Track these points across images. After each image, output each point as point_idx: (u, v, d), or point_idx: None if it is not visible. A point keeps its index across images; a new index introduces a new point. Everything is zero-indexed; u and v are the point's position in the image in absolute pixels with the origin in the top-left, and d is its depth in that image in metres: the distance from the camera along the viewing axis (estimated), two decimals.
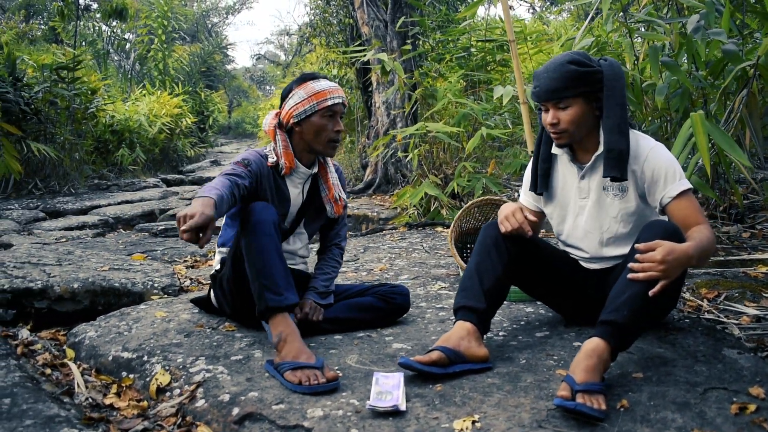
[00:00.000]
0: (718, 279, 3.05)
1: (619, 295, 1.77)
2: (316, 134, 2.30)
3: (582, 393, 1.57)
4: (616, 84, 1.98)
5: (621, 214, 2.10)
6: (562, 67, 1.97)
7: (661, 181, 1.99)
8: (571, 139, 2.07)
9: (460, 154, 5.79)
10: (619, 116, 1.97)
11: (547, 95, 2.00)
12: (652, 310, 1.78)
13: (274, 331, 1.99)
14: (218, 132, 21.68)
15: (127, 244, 4.39)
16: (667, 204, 2.00)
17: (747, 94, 3.64)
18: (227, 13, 29.50)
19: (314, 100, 2.27)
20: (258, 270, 2.02)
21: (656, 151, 2.02)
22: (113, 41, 15.56)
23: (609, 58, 2.05)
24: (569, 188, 2.21)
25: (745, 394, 1.65)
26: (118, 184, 8.99)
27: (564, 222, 2.26)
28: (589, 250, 2.20)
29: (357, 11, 7.19)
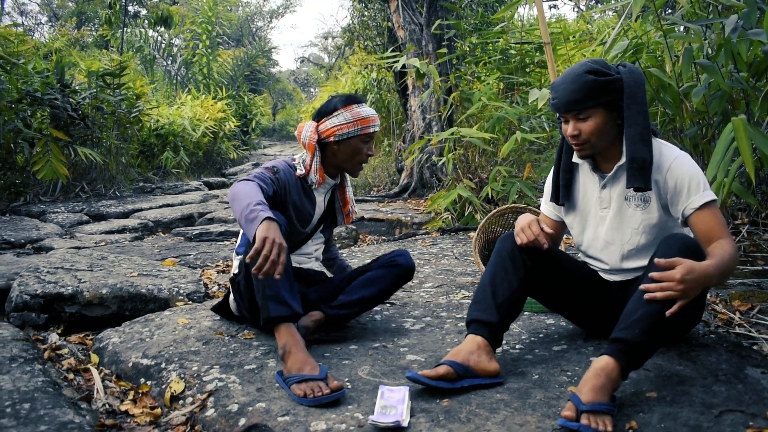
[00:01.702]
0: (754, 290, 2.95)
1: (632, 312, 1.72)
2: (352, 156, 2.42)
3: (587, 413, 1.53)
4: (637, 91, 1.92)
5: (643, 225, 2.04)
6: (580, 77, 1.91)
7: (684, 191, 1.93)
8: (593, 149, 2.02)
9: (496, 158, 5.73)
10: (641, 125, 1.91)
11: (567, 107, 1.96)
12: (666, 329, 1.71)
13: (279, 342, 2.02)
14: (262, 134, 21.99)
15: (162, 248, 4.48)
16: (689, 215, 1.92)
17: None
18: (271, 17, 29.89)
19: (359, 125, 2.38)
20: (263, 279, 2.01)
21: (680, 161, 1.95)
22: (159, 47, 15.91)
23: (628, 64, 1.99)
24: (590, 198, 2.16)
25: (763, 418, 1.59)
26: (161, 187, 9.19)
27: (584, 232, 2.21)
28: (610, 262, 2.15)
29: (393, 15, 7.18)
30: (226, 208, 6.82)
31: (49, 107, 7.53)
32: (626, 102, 1.93)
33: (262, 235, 1.87)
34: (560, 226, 2.32)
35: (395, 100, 8.81)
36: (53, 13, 20.74)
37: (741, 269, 3.32)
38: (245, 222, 1.98)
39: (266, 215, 1.94)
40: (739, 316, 2.64)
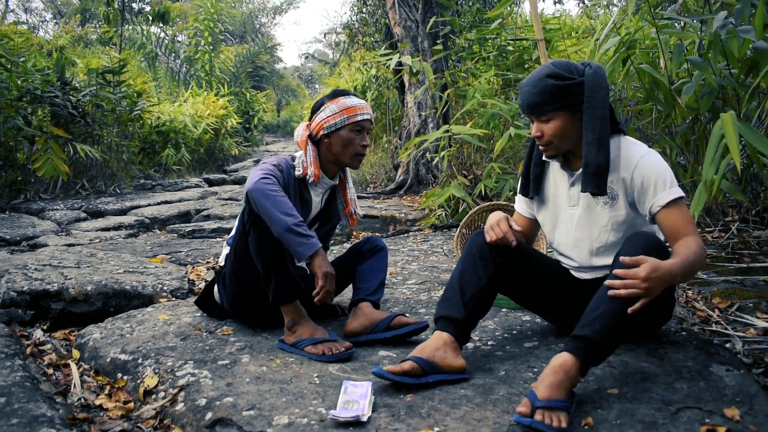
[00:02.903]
0: (736, 288, 2.95)
1: (594, 309, 1.74)
2: (344, 147, 2.43)
3: (542, 409, 1.55)
4: (596, 95, 1.93)
5: (611, 222, 2.05)
6: (541, 81, 1.93)
7: (651, 189, 1.94)
8: (557, 150, 2.04)
9: (491, 154, 5.74)
10: (599, 130, 1.93)
11: (529, 109, 1.99)
12: (627, 326, 1.73)
13: (286, 316, 2.26)
14: (266, 131, 22.03)
15: (155, 245, 4.51)
16: (656, 213, 1.94)
17: None
18: (275, 14, 29.92)
19: (345, 114, 2.40)
20: (272, 263, 2.21)
21: (647, 159, 1.97)
22: (162, 44, 15.96)
23: (594, 64, 1.99)
24: (560, 195, 2.17)
25: (720, 415, 1.60)
26: (162, 184, 9.23)
27: (555, 230, 2.22)
28: (580, 259, 2.16)
29: (389, 12, 7.19)
30: (223, 205, 6.85)
31: (50, 105, 7.57)
32: (585, 106, 1.94)
33: (323, 270, 2.12)
34: (533, 223, 2.33)
35: (394, 97, 8.82)
36: (57, 10, 20.83)
37: (726, 266, 3.33)
38: (293, 234, 2.11)
39: (319, 244, 2.15)
40: (718, 314, 2.65)
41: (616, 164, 2.01)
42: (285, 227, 2.09)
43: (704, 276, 3.19)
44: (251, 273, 2.28)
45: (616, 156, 2.02)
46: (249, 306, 2.44)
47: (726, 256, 3.57)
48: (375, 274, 2.54)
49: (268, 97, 22.80)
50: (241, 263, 2.31)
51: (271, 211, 2.12)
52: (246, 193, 2.18)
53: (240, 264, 2.32)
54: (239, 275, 2.35)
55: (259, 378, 1.97)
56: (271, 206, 2.11)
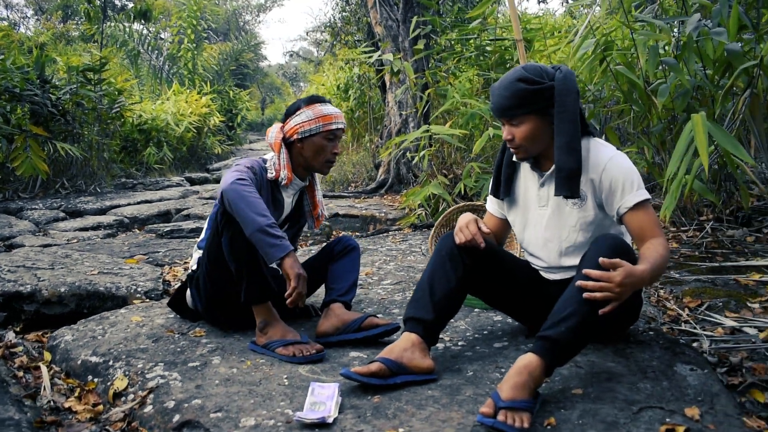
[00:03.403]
0: (707, 287, 2.99)
1: (560, 311, 1.76)
2: (316, 153, 2.46)
3: (505, 410, 1.57)
4: (566, 99, 1.95)
5: (580, 223, 2.08)
6: (511, 85, 1.96)
7: (619, 191, 1.97)
8: (528, 153, 2.07)
9: (471, 154, 5.77)
10: (570, 134, 1.96)
11: (500, 113, 2.02)
12: (593, 327, 1.76)
13: (258, 317, 2.26)
14: (249, 129, 21.95)
15: (132, 245, 4.49)
16: (623, 214, 1.98)
17: (750, 95, 3.56)
18: (259, 11, 29.80)
19: (321, 122, 2.44)
20: (245, 264, 2.21)
21: (615, 161, 2.00)
22: (144, 41, 15.85)
23: (564, 68, 2.01)
24: (530, 195, 2.20)
25: (681, 414, 1.63)
26: (143, 183, 9.18)
27: (525, 230, 2.24)
28: (549, 259, 2.18)
29: (371, 11, 7.20)
30: (204, 204, 6.83)
31: (29, 103, 7.51)
32: (556, 110, 1.96)
33: (295, 272, 2.11)
34: (504, 223, 2.36)
35: (376, 96, 8.82)
36: (39, 6, 20.62)
37: (698, 266, 3.37)
38: (265, 235, 2.10)
39: (291, 246, 2.13)
40: (687, 313, 2.69)
41: (585, 166, 2.03)
42: (258, 228, 2.09)
43: (676, 275, 3.23)
44: (225, 273, 2.28)
45: (585, 158, 2.04)
46: (223, 307, 2.44)
47: (699, 255, 3.61)
48: (347, 275, 2.55)
49: (252, 95, 22.74)
50: (215, 264, 2.31)
51: (245, 211, 2.12)
52: (221, 192, 2.19)
53: (214, 265, 2.32)
54: (213, 276, 2.35)
55: (228, 380, 1.98)
56: (245, 207, 2.12)
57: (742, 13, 3.76)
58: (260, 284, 2.24)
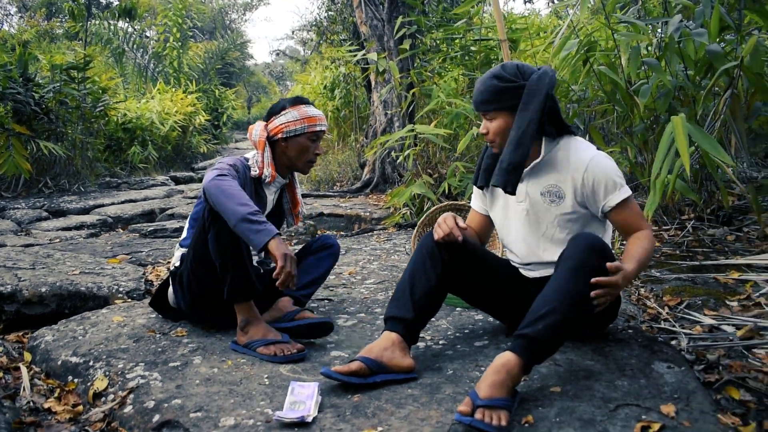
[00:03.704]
0: (687, 285, 3.02)
1: (537, 309, 1.78)
2: (300, 153, 2.50)
3: (482, 408, 1.58)
4: (532, 98, 2.00)
5: (557, 219, 2.11)
6: (487, 81, 2.05)
7: (602, 190, 2.02)
8: (501, 147, 2.12)
9: (456, 153, 5.79)
10: (522, 130, 2.00)
11: (476, 107, 2.10)
12: (570, 326, 1.78)
13: (240, 316, 2.26)
14: (235, 128, 21.88)
15: (115, 245, 4.47)
16: (608, 212, 2.05)
17: (731, 96, 3.60)
18: (245, 10, 29.68)
19: (306, 123, 2.47)
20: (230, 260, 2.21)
21: (596, 161, 2.03)
22: (129, 39, 15.76)
23: (546, 68, 2.06)
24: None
25: (657, 411, 1.65)
26: (128, 182, 9.13)
27: (505, 225, 2.28)
28: (528, 255, 2.21)
29: (356, 10, 7.20)
30: (189, 204, 6.80)
31: (12, 101, 7.45)
32: (520, 107, 2.02)
33: (282, 252, 2.07)
34: (488, 220, 2.39)
35: (362, 95, 8.83)
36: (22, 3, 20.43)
37: (679, 264, 3.40)
38: (249, 223, 2.09)
39: (276, 230, 2.10)
40: (667, 311, 2.72)
41: (566, 164, 2.07)
42: (240, 217, 2.08)
43: (657, 274, 3.26)
44: (210, 271, 2.27)
45: (565, 156, 2.08)
46: (207, 305, 2.43)
47: (680, 254, 3.65)
48: (310, 271, 2.62)
49: (238, 94, 22.66)
50: (200, 261, 2.30)
51: (226, 204, 2.12)
52: (203, 189, 2.20)
53: (199, 262, 2.31)
54: (198, 273, 2.33)
55: (209, 379, 1.98)
56: (226, 200, 2.12)
57: (724, 14, 3.80)
58: (244, 281, 2.23)
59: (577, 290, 1.78)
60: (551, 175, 2.10)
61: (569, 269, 1.82)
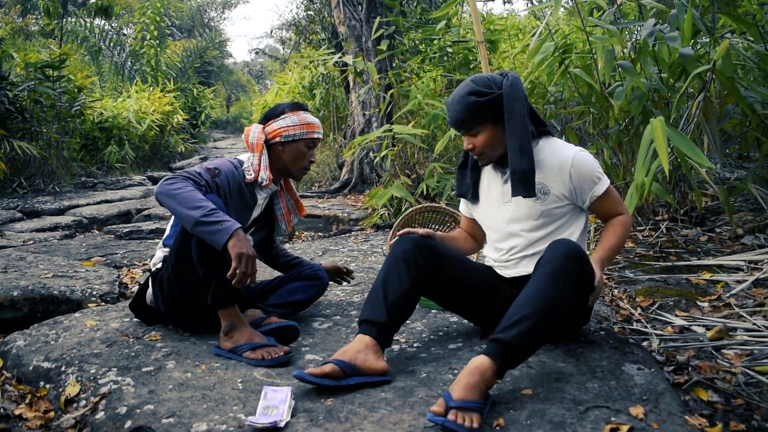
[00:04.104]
0: (660, 286, 3.07)
1: (512, 314, 1.80)
2: (296, 159, 2.50)
3: (455, 410, 1.59)
4: (515, 104, 2.06)
5: (542, 216, 2.18)
6: (463, 99, 2.09)
7: (587, 184, 2.15)
8: (490, 158, 2.20)
9: (434, 154, 5.81)
10: (520, 137, 2.06)
11: (457, 126, 2.15)
12: (544, 331, 1.80)
13: (224, 320, 2.23)
14: (214, 127, 21.77)
15: (90, 246, 4.42)
16: (593, 203, 2.19)
17: (704, 99, 3.65)
18: (224, 8, 29.50)
19: (305, 129, 2.48)
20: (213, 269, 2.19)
21: (579, 157, 2.14)
22: (106, 37, 15.59)
23: (511, 74, 2.13)
24: (494, 192, 2.29)
25: (626, 413, 1.67)
26: (104, 182, 9.04)
27: (490, 225, 2.34)
28: (512, 252, 2.26)
29: (334, 11, 7.19)
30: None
31: None
32: (506, 116, 2.08)
33: (236, 252, 2.04)
34: (477, 223, 2.47)
35: (341, 95, 8.82)
36: None
37: (652, 265, 3.44)
38: (204, 226, 2.07)
39: (235, 226, 2.08)
40: (639, 312, 2.75)
41: (549, 163, 2.15)
42: (194, 222, 2.07)
43: (631, 274, 3.30)
44: (193, 275, 2.24)
45: (547, 156, 2.17)
46: (189, 307, 2.39)
47: (654, 254, 3.70)
48: (295, 293, 2.63)
49: (217, 93, 22.50)
50: (183, 263, 2.27)
51: (177, 210, 2.11)
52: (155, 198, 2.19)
53: (181, 264, 2.28)
54: (180, 276, 2.30)
55: (182, 384, 1.97)
56: (176, 205, 2.11)
57: (697, 18, 3.86)
58: (228, 287, 2.20)
59: (554, 296, 1.82)
60: (536, 175, 2.16)
61: (546, 275, 1.85)
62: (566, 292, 1.84)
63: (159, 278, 2.42)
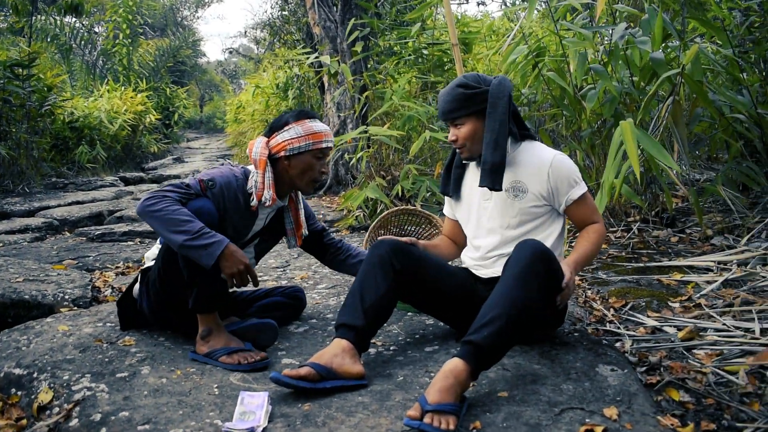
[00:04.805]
0: (632, 287, 3.11)
1: (483, 315, 1.83)
2: (303, 172, 2.36)
3: (431, 413, 1.60)
4: (498, 102, 2.15)
5: (520, 214, 2.24)
6: (453, 90, 2.21)
7: (564, 188, 2.21)
8: (471, 152, 2.27)
9: (409, 156, 5.83)
10: (497, 132, 2.15)
11: (444, 116, 2.24)
12: (516, 331, 1.82)
13: (202, 325, 2.22)
14: (188, 127, 21.57)
15: (62, 249, 4.36)
16: (568, 206, 2.23)
17: (673, 102, 3.71)
18: (197, 7, 29.23)
19: (310, 140, 2.34)
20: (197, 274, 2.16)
21: (558, 160, 2.21)
22: (77, 35, 15.36)
23: (501, 77, 2.20)
24: (475, 191, 2.35)
25: (600, 414, 1.70)
26: (75, 183, 8.90)
27: (470, 222, 2.40)
28: (491, 248, 2.30)
29: (309, 11, 7.17)
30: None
31: None
32: (488, 111, 2.17)
33: (227, 272, 2.09)
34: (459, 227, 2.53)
35: (316, 96, 8.80)
36: None
37: (624, 266, 3.49)
38: (189, 249, 2.06)
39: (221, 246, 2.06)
40: (612, 313, 2.79)
41: (529, 163, 2.23)
42: (178, 245, 2.06)
43: (603, 276, 3.34)
44: (180, 277, 2.21)
45: (528, 157, 2.25)
46: (176, 309, 2.34)
47: (626, 255, 3.75)
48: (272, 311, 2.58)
49: (190, 93, 22.31)
50: (169, 266, 2.23)
51: (161, 232, 2.09)
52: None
53: (168, 267, 2.24)
54: (167, 278, 2.26)
55: (157, 390, 1.95)
56: (159, 227, 2.09)
57: (667, 23, 3.92)
58: (211, 294, 2.20)
59: (522, 296, 1.84)
60: (515, 173, 2.24)
61: (514, 276, 1.88)
62: (534, 293, 1.87)
63: (147, 278, 2.38)
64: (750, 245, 3.56)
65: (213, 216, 2.19)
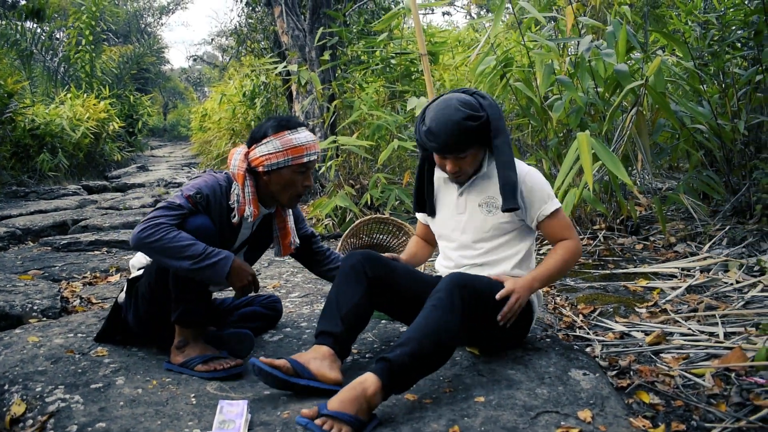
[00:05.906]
0: (599, 293, 3.18)
1: (402, 336, 1.86)
2: (284, 188, 2.26)
3: (325, 417, 1.65)
4: (500, 124, 2.14)
5: (493, 228, 2.26)
6: (459, 125, 2.06)
7: (536, 203, 2.22)
8: (468, 177, 2.27)
9: (377, 164, 5.86)
10: (508, 153, 2.14)
11: (448, 151, 2.14)
12: (433, 355, 1.85)
13: (179, 335, 2.22)
14: (152, 135, 21.29)
15: (26, 259, 4.28)
16: (540, 222, 2.24)
17: (636, 113, 3.81)
18: (161, 14, 28.95)
19: (289, 155, 2.19)
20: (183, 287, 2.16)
21: (531, 176, 2.22)
22: (38, 41, 15.07)
23: (486, 95, 2.19)
24: (448, 204, 2.37)
25: (574, 417, 1.74)
26: (36, 192, 8.73)
27: (443, 236, 2.41)
28: (464, 260, 2.32)
29: (277, 20, 7.18)
30: (103, 215, 6.58)
31: None
32: (494, 135, 2.14)
33: (238, 285, 2.12)
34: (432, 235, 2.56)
35: (283, 104, 8.78)
36: None
37: (591, 273, 3.57)
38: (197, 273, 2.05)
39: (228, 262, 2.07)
40: (582, 319, 2.85)
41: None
42: (185, 271, 2.05)
43: (572, 282, 3.41)
44: (167, 293, 2.19)
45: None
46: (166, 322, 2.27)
47: (593, 262, 3.83)
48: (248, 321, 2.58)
49: (154, 100, 22.05)
50: (161, 280, 2.20)
51: (165, 262, 2.06)
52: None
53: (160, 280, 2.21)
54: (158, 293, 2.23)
55: (134, 401, 1.94)
56: (161, 258, 2.05)
57: (631, 36, 4.04)
58: (198, 310, 2.21)
59: (437, 319, 1.87)
60: (489, 188, 2.25)
61: (433, 301, 1.93)
62: (451, 315, 1.89)
63: (135, 288, 2.33)
64: (712, 252, 3.68)
65: (212, 231, 2.15)
